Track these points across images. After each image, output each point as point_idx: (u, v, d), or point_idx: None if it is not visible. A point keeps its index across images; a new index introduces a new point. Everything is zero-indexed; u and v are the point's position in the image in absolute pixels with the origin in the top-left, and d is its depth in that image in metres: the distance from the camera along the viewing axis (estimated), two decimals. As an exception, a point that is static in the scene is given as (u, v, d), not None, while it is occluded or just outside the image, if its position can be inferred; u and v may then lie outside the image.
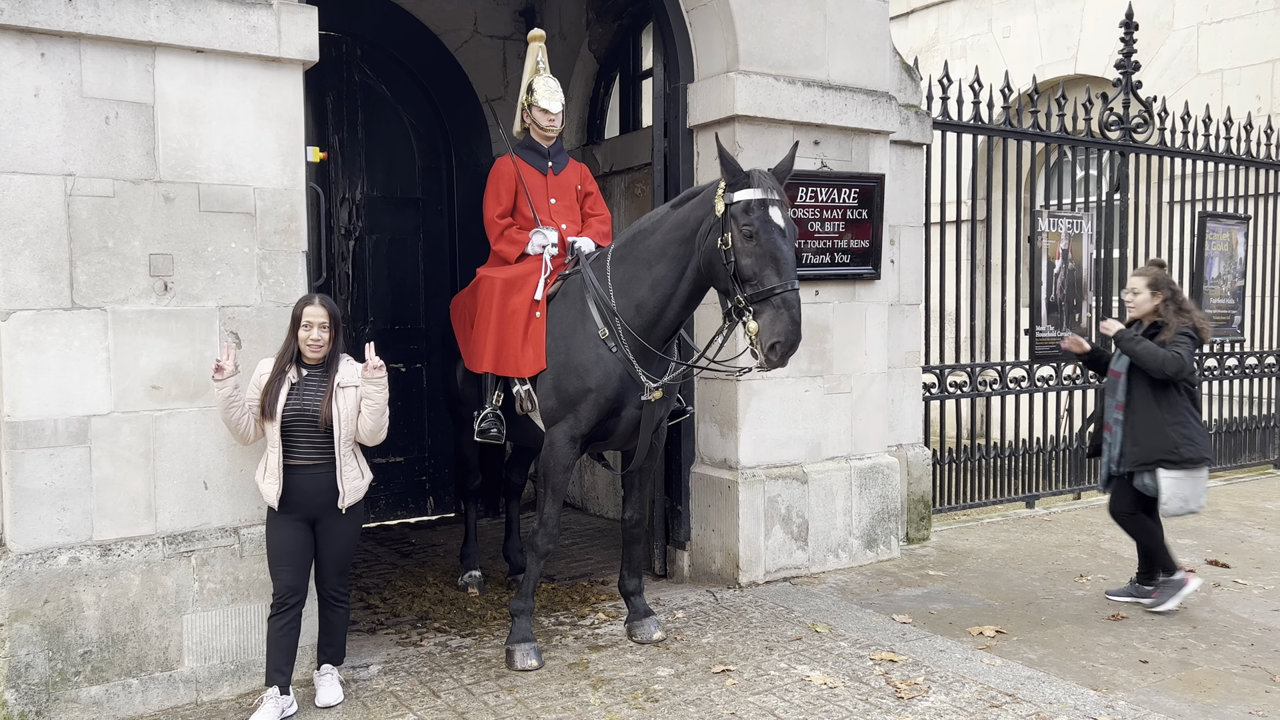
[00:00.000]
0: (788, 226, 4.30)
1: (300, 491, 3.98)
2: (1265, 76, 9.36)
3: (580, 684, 4.32)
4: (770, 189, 4.31)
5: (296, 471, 3.98)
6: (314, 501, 4.00)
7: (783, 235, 4.26)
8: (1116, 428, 5.27)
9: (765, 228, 4.23)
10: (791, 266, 4.24)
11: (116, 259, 3.98)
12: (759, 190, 4.28)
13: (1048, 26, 11.22)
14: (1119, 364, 5.29)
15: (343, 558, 4.14)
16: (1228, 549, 6.50)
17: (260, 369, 4.03)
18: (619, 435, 4.80)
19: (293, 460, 3.98)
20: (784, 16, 5.71)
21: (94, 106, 3.91)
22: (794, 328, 4.15)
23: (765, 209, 4.25)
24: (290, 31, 4.20)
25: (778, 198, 4.31)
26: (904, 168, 6.56)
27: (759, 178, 4.33)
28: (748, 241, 4.24)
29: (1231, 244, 9.00)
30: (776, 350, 4.15)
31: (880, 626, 5.01)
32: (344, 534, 4.11)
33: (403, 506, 7.47)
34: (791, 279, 4.20)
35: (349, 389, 4.05)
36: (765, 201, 4.26)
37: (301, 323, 3.98)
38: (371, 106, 7.19)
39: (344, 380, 4.05)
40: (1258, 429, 9.25)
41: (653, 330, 4.61)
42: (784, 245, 4.25)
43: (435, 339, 7.07)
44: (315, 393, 3.99)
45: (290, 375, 3.99)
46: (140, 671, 4.05)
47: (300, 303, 4.03)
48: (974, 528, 7.14)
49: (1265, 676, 4.41)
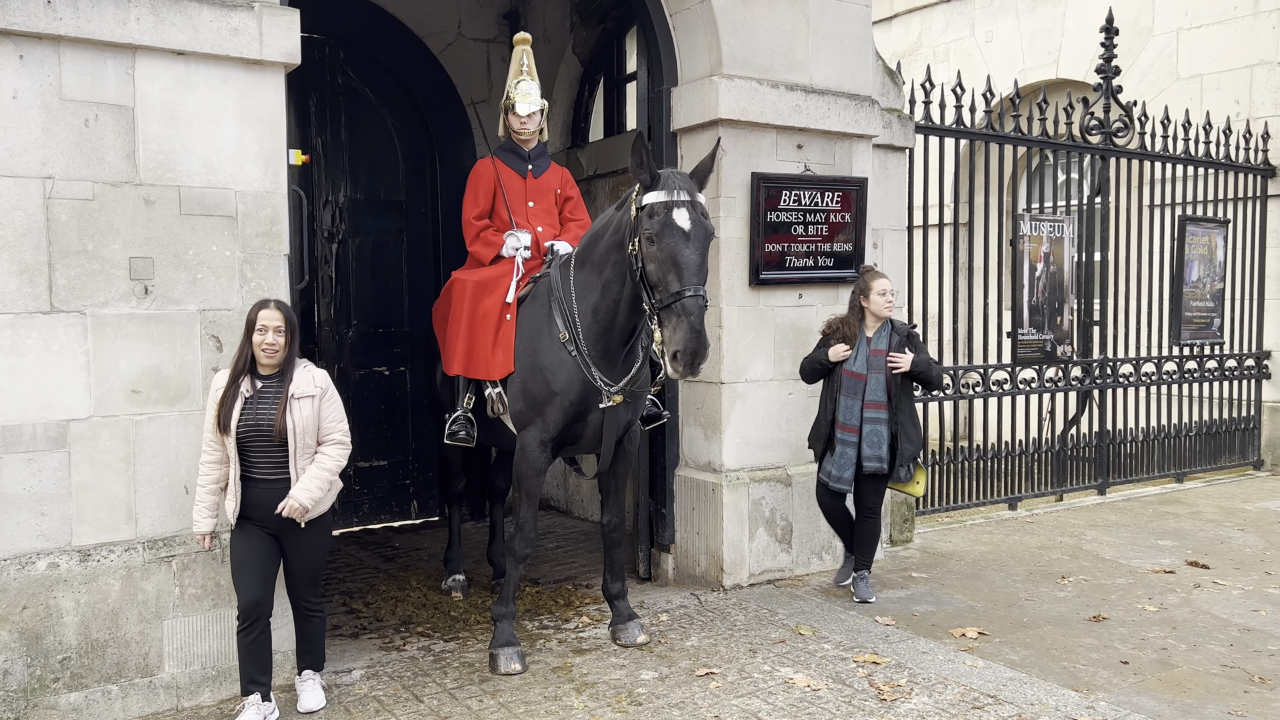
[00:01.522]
0: (694, 229, 4.16)
1: (260, 505, 3.86)
2: (1244, 81, 9.45)
3: (564, 688, 4.31)
4: (678, 190, 4.21)
5: (255, 485, 3.86)
6: (274, 516, 3.85)
7: (685, 239, 4.13)
8: (881, 426, 5.32)
9: (667, 231, 4.13)
10: (693, 271, 4.11)
11: (96, 262, 3.95)
12: (663, 192, 4.19)
13: (1029, 31, 11.29)
14: (859, 365, 5.31)
15: (312, 569, 4.02)
16: (1208, 550, 6.55)
17: (216, 382, 3.90)
18: (587, 439, 4.79)
19: (251, 474, 3.86)
20: (767, 20, 5.73)
21: (73, 109, 3.89)
22: (692, 336, 4.03)
23: (669, 211, 4.16)
24: (272, 34, 4.18)
25: (685, 199, 4.20)
26: (887, 171, 6.59)
27: (667, 179, 4.25)
28: (651, 245, 4.16)
29: (1211, 247, 9.08)
30: (679, 360, 4.06)
31: (863, 628, 5.03)
32: (311, 546, 3.98)
33: (386, 510, 7.44)
34: (692, 284, 4.08)
35: (305, 399, 3.88)
36: (670, 204, 4.16)
37: (256, 327, 3.82)
38: (355, 109, 7.17)
39: (299, 390, 3.87)
40: (1237, 431, 9.32)
41: (608, 335, 4.56)
42: (685, 249, 4.12)
43: (419, 342, 7.06)
44: (270, 404, 3.83)
45: (244, 388, 3.83)
46: (120, 678, 4.02)
47: (255, 307, 3.87)
48: (957, 529, 7.17)
49: (1244, 677, 4.44)
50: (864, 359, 5.34)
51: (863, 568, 5.54)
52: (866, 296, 5.40)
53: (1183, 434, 8.98)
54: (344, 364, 7.15)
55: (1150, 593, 5.63)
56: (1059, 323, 7.90)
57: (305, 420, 3.87)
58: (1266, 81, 9.31)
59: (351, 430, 4.15)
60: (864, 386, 5.31)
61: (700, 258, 4.18)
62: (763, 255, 5.73)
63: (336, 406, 3.99)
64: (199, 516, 3.92)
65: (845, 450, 5.31)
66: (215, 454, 3.85)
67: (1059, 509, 7.86)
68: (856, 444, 5.31)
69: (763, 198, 5.68)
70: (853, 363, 5.33)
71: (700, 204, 4.28)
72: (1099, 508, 7.90)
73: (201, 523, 3.92)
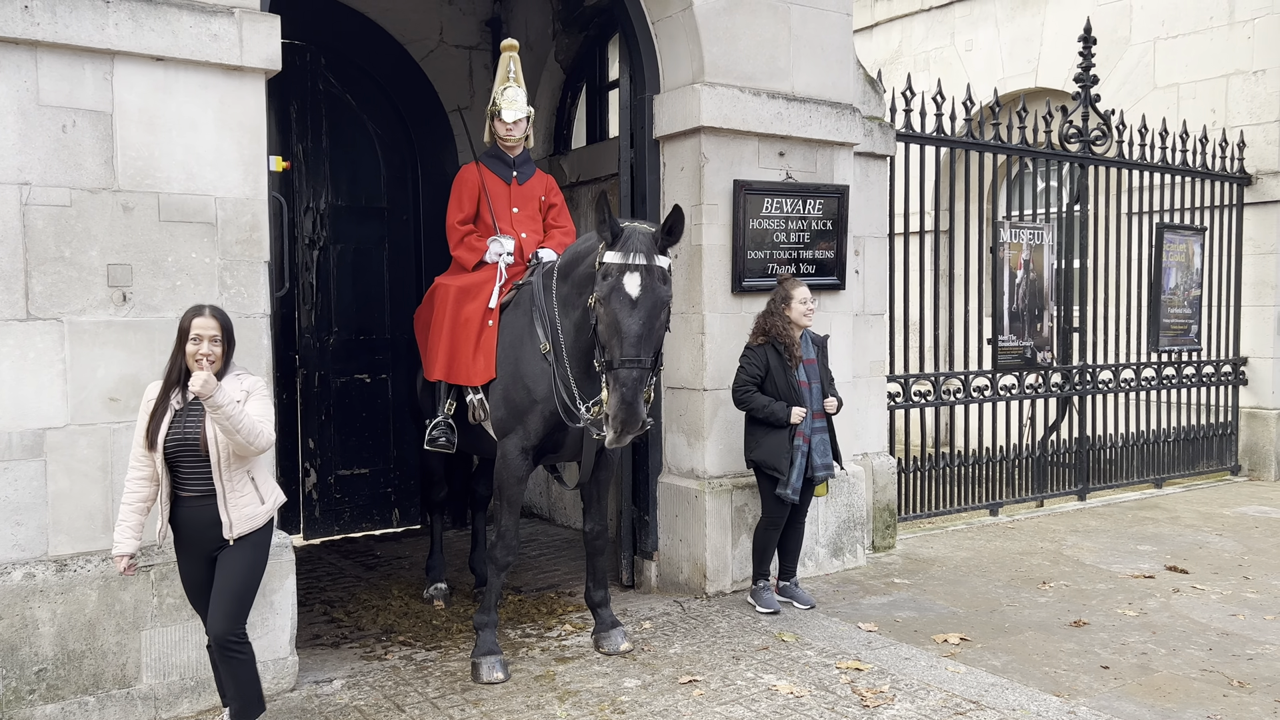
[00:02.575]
0: (642, 297, 4.07)
1: (190, 525, 3.56)
2: (1219, 90, 9.55)
3: (547, 696, 4.30)
4: (635, 253, 4.11)
5: (186, 504, 3.55)
6: (205, 535, 3.55)
7: (631, 307, 4.05)
8: (824, 434, 5.37)
9: (614, 296, 4.09)
10: (633, 341, 4.03)
11: (74, 269, 3.92)
12: (619, 254, 4.12)
13: (1009, 40, 11.38)
14: (802, 374, 5.30)
15: (236, 595, 3.57)
16: (1186, 555, 6.60)
17: (148, 393, 3.59)
18: (569, 448, 4.79)
19: (183, 492, 3.55)
20: (749, 29, 5.75)
21: (51, 114, 3.85)
22: (623, 407, 4.00)
23: (620, 276, 4.09)
24: (252, 40, 4.16)
25: (640, 263, 4.09)
26: (868, 179, 6.62)
27: (626, 239, 4.15)
28: (601, 306, 4.15)
29: (1188, 254, 9.17)
30: (614, 426, 4.04)
31: (846, 635, 5.03)
32: (236, 566, 3.57)
33: (368, 518, 7.40)
34: (630, 353, 4.02)
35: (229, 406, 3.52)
36: (623, 267, 4.10)
37: (190, 336, 3.48)
38: (336, 116, 7.15)
39: (225, 398, 3.49)
40: (1215, 436, 9.41)
41: (590, 353, 4.47)
42: (629, 319, 4.05)
43: (401, 349, 7.03)
44: (200, 417, 3.50)
45: (174, 400, 3.52)
46: (97, 689, 3.97)
47: (189, 314, 3.53)
48: (939, 535, 7.19)
49: (1223, 680, 4.47)
50: (803, 368, 5.32)
51: (793, 574, 5.57)
52: (788, 305, 5.29)
53: (1162, 440, 9.05)
54: (325, 371, 7.11)
55: (1130, 598, 5.67)
56: (1039, 329, 7.95)
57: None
58: (1242, 91, 9.42)
59: (333, 437, 4.10)
60: (810, 394, 5.31)
61: (645, 327, 4.08)
62: (745, 262, 5.74)
63: (263, 406, 3.61)
64: (120, 537, 3.55)
65: (800, 460, 5.28)
66: (144, 470, 3.55)
67: (1040, 514, 7.90)
68: (808, 452, 5.30)
69: (745, 205, 5.70)
70: (799, 372, 5.31)
71: (658, 268, 4.15)
72: (1079, 513, 7.94)
73: (122, 543, 3.54)
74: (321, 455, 7.07)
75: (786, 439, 5.25)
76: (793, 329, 5.28)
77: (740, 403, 5.33)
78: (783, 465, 5.25)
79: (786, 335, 5.26)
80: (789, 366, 5.26)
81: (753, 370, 5.28)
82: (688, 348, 5.77)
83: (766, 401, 5.24)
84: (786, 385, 5.26)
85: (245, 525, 3.59)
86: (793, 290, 5.31)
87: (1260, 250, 9.44)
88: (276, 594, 4.30)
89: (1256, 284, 9.45)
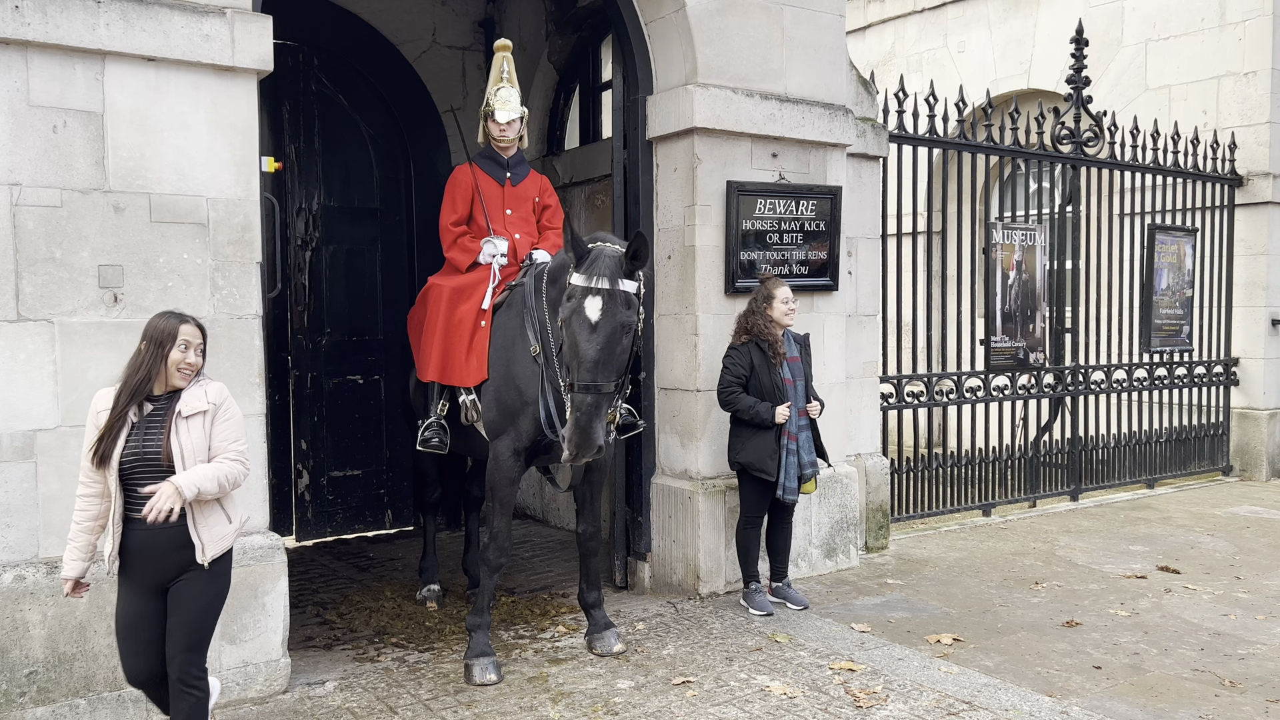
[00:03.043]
0: (602, 321, 4.04)
1: (147, 549, 3.21)
2: (1210, 92, 9.59)
3: (540, 698, 4.29)
4: (598, 277, 4.08)
5: (142, 526, 3.17)
6: (166, 560, 3.23)
7: (591, 331, 4.04)
8: (808, 431, 5.37)
9: (575, 319, 4.10)
10: (589, 366, 4.02)
11: (65, 270, 3.90)
12: (583, 277, 4.12)
13: (1001, 42, 11.41)
14: (786, 372, 5.30)
15: (200, 627, 3.30)
16: (1178, 555, 6.62)
17: (98, 402, 3.27)
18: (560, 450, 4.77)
19: (135, 512, 3.20)
20: (742, 30, 5.75)
21: (41, 115, 3.84)
22: (576, 432, 4.01)
23: (582, 300, 4.08)
24: (244, 40, 4.15)
25: (604, 286, 4.06)
26: (861, 180, 6.63)
27: (592, 261, 4.13)
28: (564, 328, 4.16)
29: (1180, 255, 9.20)
30: (569, 448, 4.06)
31: (839, 636, 5.04)
32: (201, 595, 3.28)
33: (360, 520, 7.38)
34: (586, 379, 4.01)
35: (195, 416, 3.26)
36: (585, 290, 4.09)
37: (178, 342, 3.23)
38: (328, 116, 7.13)
39: (188, 407, 3.26)
40: (1206, 437, 9.43)
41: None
42: (587, 343, 4.04)
43: (393, 350, 7.02)
44: (159, 428, 3.23)
45: (132, 413, 3.22)
46: (88, 691, 3.95)
47: (173, 320, 3.28)
48: (931, 536, 7.20)
49: (1215, 680, 4.49)
50: (786, 366, 5.33)
51: (785, 574, 5.56)
52: (770, 304, 5.30)
53: (1153, 440, 9.08)
54: (318, 372, 7.09)
55: (1122, 598, 5.68)
56: (1031, 330, 7.97)
57: (195, 442, 3.25)
58: (1233, 92, 9.45)
59: (325, 439, 4.07)
60: (794, 392, 5.32)
61: (604, 353, 4.05)
62: (738, 263, 5.74)
63: (233, 425, 3.34)
64: (68, 559, 3.28)
65: (790, 459, 5.28)
66: (94, 487, 3.24)
67: (1032, 515, 7.92)
68: (797, 451, 5.31)
69: (738, 206, 5.70)
70: (783, 370, 5.32)
71: (622, 292, 4.10)
72: (1071, 514, 7.96)
73: (70, 565, 3.28)
74: (314, 456, 7.05)
75: (773, 440, 5.25)
76: (774, 327, 5.29)
77: (726, 404, 5.33)
78: (769, 467, 5.25)
79: (769, 334, 5.27)
80: (773, 364, 5.27)
81: (737, 370, 5.28)
82: (681, 349, 5.77)
83: (752, 403, 5.24)
84: (771, 383, 5.27)
85: (216, 547, 3.29)
86: (774, 289, 5.32)
87: (1251, 251, 9.47)
88: (269, 595, 4.29)
89: (1248, 285, 9.49)
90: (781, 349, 5.29)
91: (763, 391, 5.26)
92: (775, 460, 5.25)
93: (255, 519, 4.29)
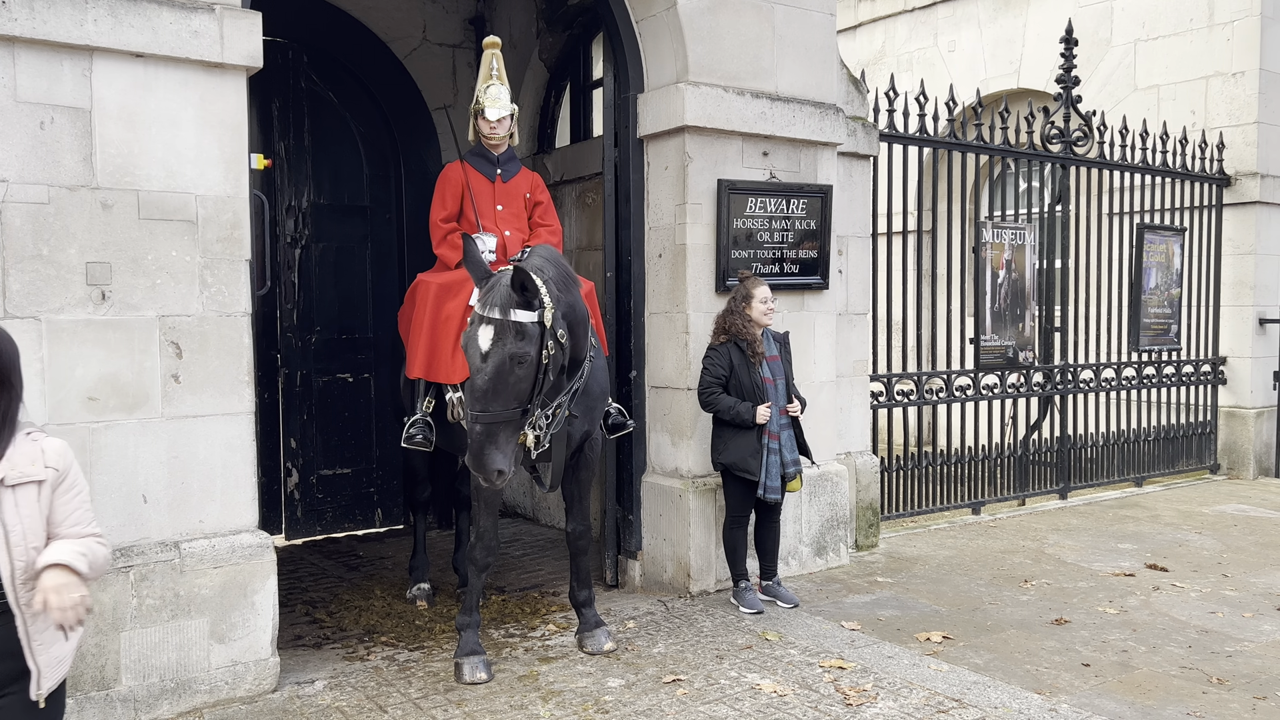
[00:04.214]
0: (493, 350, 3.95)
1: None
2: (1199, 92, 9.63)
3: (530, 696, 4.29)
4: (491, 306, 3.97)
5: None
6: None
7: (481, 359, 3.96)
8: (789, 430, 5.37)
9: (468, 344, 4.07)
10: (478, 395, 3.95)
11: (52, 267, 3.88)
12: (478, 304, 4.07)
13: (991, 41, 11.44)
14: (766, 370, 5.30)
15: None
16: (1166, 553, 6.65)
17: None
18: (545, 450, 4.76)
19: None
20: (733, 28, 5.75)
21: (28, 111, 3.81)
22: (470, 458, 3.98)
23: (475, 327, 4.03)
24: (233, 37, 4.13)
25: (495, 316, 3.95)
26: (851, 179, 6.64)
27: (489, 290, 4.04)
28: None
29: (1168, 255, 9.24)
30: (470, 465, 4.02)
31: (829, 634, 5.05)
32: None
33: (350, 519, 7.36)
34: (475, 407, 3.94)
35: (26, 486, 2.42)
36: (477, 318, 4.04)
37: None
38: (318, 114, 7.11)
39: (13, 474, 2.41)
40: (1194, 435, 9.48)
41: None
42: (476, 371, 3.99)
43: (383, 349, 6.99)
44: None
45: None
46: (75, 691, 3.93)
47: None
48: (921, 534, 7.22)
49: (1203, 678, 4.51)
50: (766, 365, 5.33)
51: (774, 573, 5.56)
52: (749, 303, 5.29)
53: (1142, 439, 9.12)
54: (307, 370, 7.07)
55: (1111, 595, 5.71)
56: (1021, 329, 7.99)
57: (28, 520, 2.41)
58: (1221, 92, 9.49)
59: (315, 437, 4.00)
60: (774, 391, 5.32)
61: (491, 382, 3.94)
62: (729, 262, 5.74)
63: (80, 499, 2.55)
64: None
65: (772, 458, 5.27)
66: None
67: (1021, 513, 7.95)
68: (779, 450, 5.31)
69: (729, 205, 5.70)
70: (763, 369, 5.32)
71: (515, 323, 3.95)
72: (1060, 512, 7.99)
73: None
74: (303, 455, 7.03)
75: (755, 439, 5.25)
76: (753, 327, 5.29)
77: (706, 405, 5.33)
78: (752, 467, 5.25)
79: (748, 333, 5.27)
80: (752, 364, 5.28)
81: (717, 370, 5.28)
82: (671, 347, 5.77)
83: (733, 403, 5.24)
84: (751, 382, 5.27)
85: (54, 674, 2.46)
86: (753, 289, 5.32)
87: (1239, 250, 9.52)
88: (257, 594, 4.27)
89: (1235, 284, 9.54)
90: (760, 348, 5.30)
91: (743, 391, 5.26)
92: (758, 459, 5.25)
93: (244, 518, 4.28)
